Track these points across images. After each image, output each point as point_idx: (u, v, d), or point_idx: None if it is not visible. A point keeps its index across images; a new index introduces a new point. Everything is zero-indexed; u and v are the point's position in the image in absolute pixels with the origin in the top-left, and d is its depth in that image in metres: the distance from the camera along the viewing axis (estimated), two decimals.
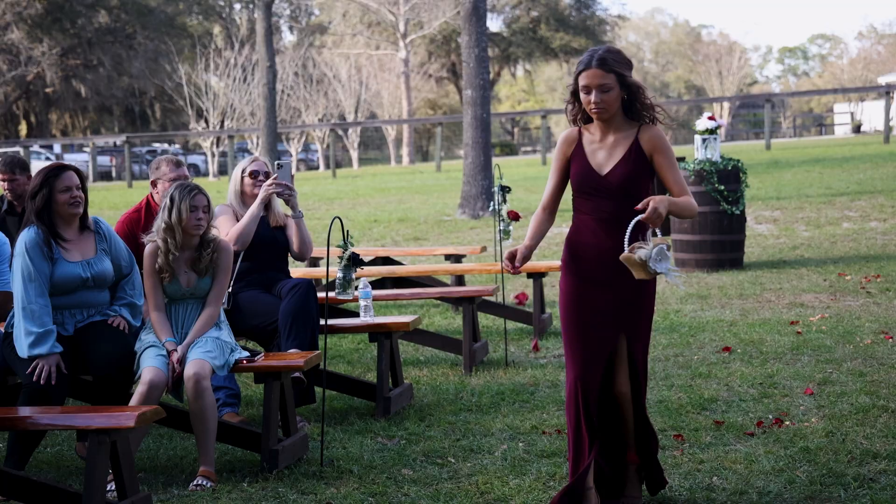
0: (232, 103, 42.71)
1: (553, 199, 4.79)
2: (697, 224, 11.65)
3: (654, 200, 4.34)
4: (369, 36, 51.64)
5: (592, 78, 4.55)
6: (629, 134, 4.65)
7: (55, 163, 5.69)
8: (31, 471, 5.59)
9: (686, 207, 4.59)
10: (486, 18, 17.68)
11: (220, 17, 58.06)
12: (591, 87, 4.55)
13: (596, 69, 4.53)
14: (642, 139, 4.63)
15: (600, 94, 4.54)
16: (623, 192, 4.59)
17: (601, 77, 4.53)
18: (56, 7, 49.39)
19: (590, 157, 4.65)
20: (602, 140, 4.66)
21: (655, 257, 4.31)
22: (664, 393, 6.75)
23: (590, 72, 4.54)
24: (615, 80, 4.55)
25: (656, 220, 4.33)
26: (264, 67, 25.58)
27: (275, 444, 5.47)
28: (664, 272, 4.33)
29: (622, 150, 4.62)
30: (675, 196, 4.62)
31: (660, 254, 4.32)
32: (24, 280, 5.35)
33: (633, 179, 4.60)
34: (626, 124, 4.67)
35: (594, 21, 56.24)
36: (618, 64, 4.55)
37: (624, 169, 4.60)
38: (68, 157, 48.34)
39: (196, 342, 5.51)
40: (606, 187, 4.61)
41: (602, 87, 4.53)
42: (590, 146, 4.67)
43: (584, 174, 4.64)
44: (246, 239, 6.42)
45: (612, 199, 4.61)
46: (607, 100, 4.55)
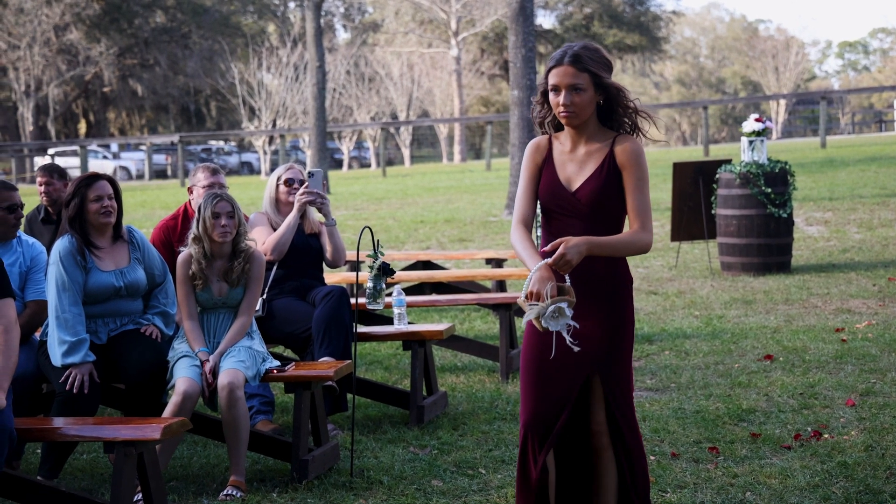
0: (284, 102, 42.96)
1: (530, 214, 4.11)
2: (744, 227, 11.51)
3: (566, 244, 3.78)
4: (421, 34, 51.66)
5: (563, 76, 3.95)
6: (603, 145, 4.03)
7: (89, 172, 5.75)
8: (65, 477, 5.65)
9: (624, 245, 3.95)
10: (534, 18, 17.61)
11: (274, 15, 58.42)
12: (561, 87, 3.96)
13: (568, 66, 3.94)
14: (617, 151, 4.01)
15: (571, 94, 3.94)
16: (594, 211, 3.99)
17: (573, 76, 3.94)
18: (114, 7, 49.96)
19: (559, 170, 4.05)
20: (573, 151, 4.06)
21: (551, 314, 3.75)
22: (702, 402, 6.67)
23: (561, 69, 3.95)
24: (589, 81, 3.95)
25: (563, 266, 3.77)
26: (314, 67, 25.67)
27: (305, 454, 5.47)
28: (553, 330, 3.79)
29: (594, 164, 4.01)
30: (631, 222, 4.01)
31: (556, 311, 3.75)
32: (58, 289, 5.40)
33: (606, 197, 3.98)
34: (600, 133, 4.06)
35: (648, 17, 55.78)
36: (594, 63, 3.94)
37: (595, 185, 3.98)
38: (125, 156, 48.95)
39: (228, 352, 5.52)
40: (575, 206, 4.00)
41: (573, 87, 3.94)
42: (559, 157, 4.07)
43: (551, 189, 4.03)
44: (282, 249, 6.44)
45: (582, 220, 3.99)
46: (578, 102, 3.95)
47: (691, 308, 9.95)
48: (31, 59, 46.60)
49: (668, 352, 8.19)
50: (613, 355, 4.05)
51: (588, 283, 3.98)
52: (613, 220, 4.01)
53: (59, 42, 47.70)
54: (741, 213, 11.51)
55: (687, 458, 5.62)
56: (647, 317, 9.63)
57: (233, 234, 5.62)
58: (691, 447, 5.79)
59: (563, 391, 4.02)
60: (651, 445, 5.84)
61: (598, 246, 3.87)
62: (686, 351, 8.17)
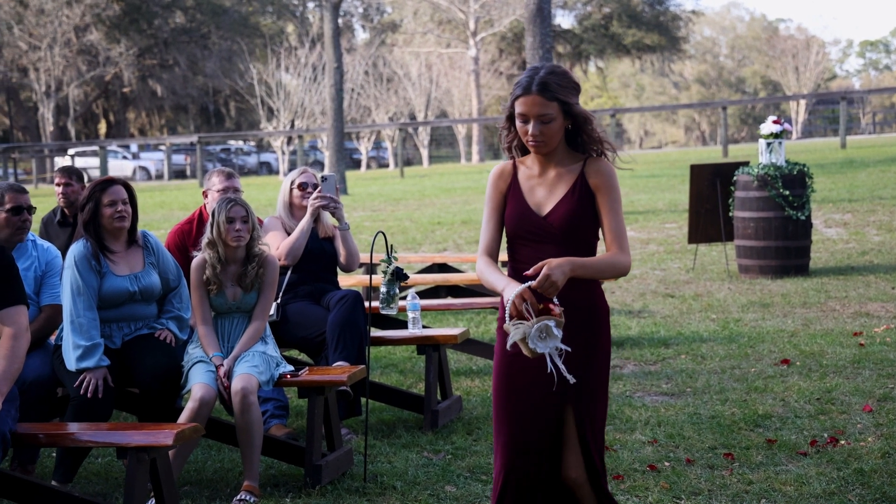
0: (303, 102, 43.04)
1: (496, 244, 3.91)
2: (762, 230, 11.45)
3: (550, 266, 3.57)
4: (439, 34, 51.68)
5: (531, 106, 3.75)
6: (574, 167, 3.86)
7: (105, 176, 5.75)
8: (79, 482, 5.66)
9: (606, 267, 3.77)
10: (552, 19, 17.57)
11: (293, 15, 58.55)
12: (530, 117, 3.77)
13: (536, 95, 3.74)
14: (588, 173, 3.83)
15: (540, 125, 3.76)
16: (567, 235, 3.81)
17: (541, 105, 3.75)
18: (133, 8, 50.19)
19: (527, 196, 3.86)
20: (541, 175, 3.88)
21: (537, 334, 3.52)
22: (717, 408, 6.63)
23: (528, 98, 3.75)
24: (558, 110, 3.76)
25: (548, 289, 3.56)
26: (331, 68, 25.70)
27: (318, 460, 5.47)
28: (542, 352, 3.54)
29: (565, 187, 3.84)
30: (606, 246, 3.85)
31: (543, 331, 3.52)
32: (73, 293, 5.41)
33: (579, 221, 3.82)
34: (569, 157, 3.88)
35: (667, 17, 55.67)
36: (562, 89, 3.76)
37: (567, 208, 3.81)
38: (144, 156, 49.17)
39: (242, 356, 5.52)
40: (547, 230, 3.81)
41: (543, 118, 3.75)
42: (527, 182, 3.89)
43: (520, 216, 3.84)
44: (296, 254, 6.43)
45: (554, 245, 3.80)
46: (547, 132, 3.77)
47: (708, 311, 9.91)
48: (52, 59, 46.84)
49: (684, 356, 8.15)
50: (589, 389, 3.83)
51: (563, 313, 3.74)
52: (586, 244, 3.85)
53: (80, 43, 47.93)
54: (759, 216, 11.45)
55: (702, 464, 5.59)
56: (663, 320, 9.60)
57: (247, 239, 5.62)
58: (706, 453, 5.76)
59: (539, 431, 3.82)
60: (666, 451, 5.81)
61: (582, 267, 3.68)
62: (702, 355, 8.13)
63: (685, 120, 71.53)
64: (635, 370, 7.82)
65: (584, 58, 57.14)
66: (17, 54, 47.80)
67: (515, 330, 3.54)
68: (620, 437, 6.09)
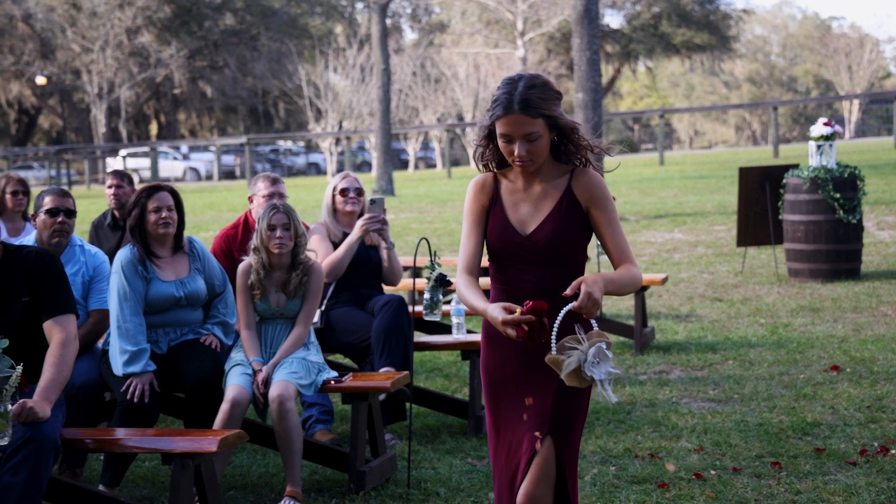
0: (351, 103, 43.19)
1: (476, 260, 3.64)
2: (812, 233, 11.32)
3: (587, 283, 3.30)
4: (487, 34, 51.61)
5: (515, 126, 3.48)
6: (560, 181, 3.60)
7: (152, 182, 5.80)
8: (126, 486, 5.71)
9: (629, 282, 3.53)
10: (599, 20, 17.49)
11: (341, 16, 58.77)
12: (515, 137, 3.50)
13: (519, 114, 3.46)
14: (576, 187, 3.58)
15: (525, 144, 3.49)
16: (552, 256, 3.56)
17: (526, 125, 3.48)
18: (184, 10, 50.63)
19: (510, 212, 3.61)
20: (526, 190, 3.61)
21: (593, 360, 3.31)
22: (765, 415, 6.56)
23: (511, 118, 3.47)
24: (544, 126, 3.50)
25: (591, 308, 3.30)
26: (379, 70, 25.77)
27: (362, 465, 5.47)
28: (599, 379, 3.32)
29: (551, 203, 3.58)
30: (614, 262, 3.61)
31: (598, 355, 3.31)
32: (120, 298, 5.46)
33: (566, 239, 3.56)
34: (554, 169, 3.62)
35: (718, 16, 55.16)
36: (545, 103, 3.48)
37: (553, 226, 3.55)
38: (194, 157, 49.63)
39: (282, 363, 5.54)
40: (531, 250, 3.56)
41: (529, 137, 3.49)
42: (510, 197, 3.63)
43: (502, 234, 3.59)
44: (339, 271, 6.43)
45: (538, 265, 3.56)
46: (535, 150, 3.50)
47: (756, 316, 9.81)
48: (104, 61, 47.39)
49: (732, 361, 8.08)
50: (573, 413, 3.61)
51: None
52: (573, 264, 3.60)
53: (131, 45, 48.44)
54: (809, 219, 11.32)
55: (749, 472, 5.53)
56: (710, 324, 9.51)
57: (289, 247, 5.64)
58: (753, 462, 5.70)
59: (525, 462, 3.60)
60: (712, 459, 5.76)
61: (611, 283, 3.43)
62: (750, 360, 8.05)
63: (736, 119, 70.94)
64: (682, 376, 7.75)
65: (633, 58, 56.80)
66: (70, 57, 48.40)
67: (569, 358, 3.31)
68: (666, 445, 6.04)
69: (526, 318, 3.27)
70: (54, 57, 48.84)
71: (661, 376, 7.75)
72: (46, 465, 4.38)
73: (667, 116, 58.69)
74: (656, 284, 8.90)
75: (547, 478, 3.56)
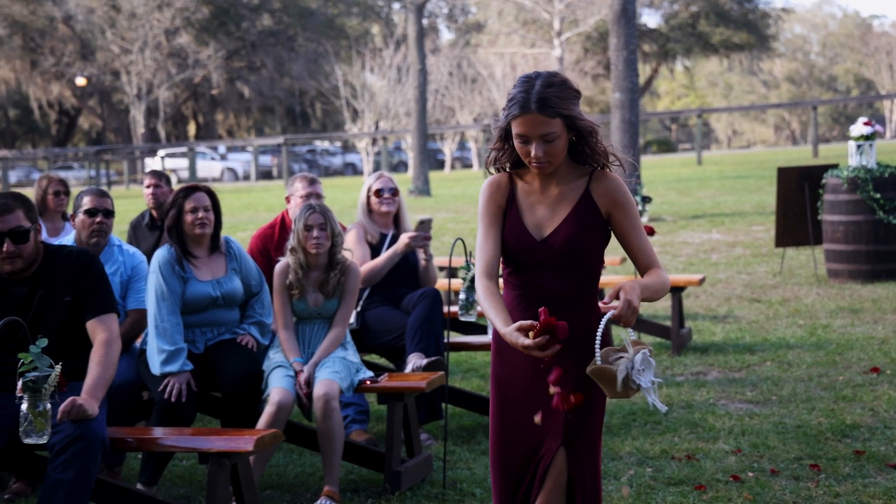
0: (387, 103, 43.28)
1: (496, 263, 3.48)
2: (851, 233, 11.21)
3: (626, 290, 3.19)
4: (524, 34, 51.56)
5: (532, 126, 3.34)
6: (578, 184, 3.46)
7: (190, 183, 5.84)
8: (164, 484, 5.75)
9: (661, 287, 3.39)
10: (636, 19, 17.43)
11: (378, 16, 58.91)
12: (532, 138, 3.37)
13: (537, 114, 3.33)
14: (595, 191, 3.45)
15: (544, 144, 3.36)
16: (568, 261, 3.42)
17: (544, 125, 3.34)
18: (222, 11, 50.93)
19: (525, 215, 3.47)
20: (542, 192, 3.48)
21: (640, 368, 3.20)
22: (804, 417, 6.50)
23: (528, 118, 3.34)
24: (562, 126, 3.36)
25: (631, 317, 3.18)
26: (415, 70, 25.81)
27: (398, 466, 5.48)
28: (646, 387, 3.21)
29: (568, 206, 3.44)
30: (641, 267, 3.47)
31: (644, 363, 3.21)
32: (157, 298, 5.50)
33: (583, 245, 3.43)
34: (572, 171, 3.48)
35: (757, 15, 54.82)
36: (564, 102, 3.35)
37: (570, 231, 3.42)
38: (232, 157, 49.92)
39: (324, 362, 5.56)
40: (546, 255, 3.43)
41: (546, 137, 3.35)
42: (526, 199, 3.49)
43: (517, 238, 3.45)
44: (375, 280, 6.44)
45: (553, 271, 3.43)
46: (552, 151, 3.37)
47: (795, 317, 9.73)
48: (143, 62, 47.77)
49: (770, 362, 8.02)
50: (586, 424, 3.48)
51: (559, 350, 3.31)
52: (590, 270, 3.47)
53: (170, 46, 48.81)
54: (849, 219, 11.22)
55: (787, 475, 5.48)
56: (748, 325, 9.45)
57: (326, 247, 5.65)
58: (791, 464, 5.65)
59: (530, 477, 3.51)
60: (750, 461, 5.72)
61: (646, 289, 3.30)
62: (789, 362, 7.99)
63: (775, 119, 70.47)
64: (719, 377, 7.71)
65: (671, 57, 56.55)
66: (109, 58, 48.83)
67: (620, 367, 3.19)
68: (703, 446, 6.01)
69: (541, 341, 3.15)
70: (94, 58, 49.30)
71: (698, 377, 7.71)
72: (95, 461, 4.43)
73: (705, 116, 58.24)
74: (693, 285, 8.84)
75: (560, 489, 3.47)
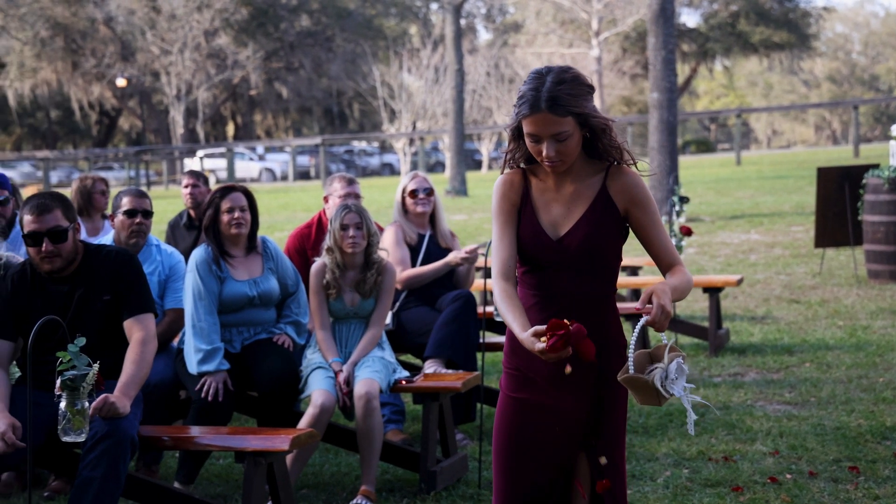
0: (424, 104, 43.30)
1: (512, 262, 3.35)
2: (892, 234, 11.09)
3: (658, 294, 3.07)
4: (562, 34, 51.41)
5: (543, 125, 3.22)
6: (594, 181, 3.34)
7: (227, 183, 5.87)
8: (201, 483, 5.78)
9: (687, 286, 3.27)
10: (675, 19, 17.35)
11: (416, 17, 58.97)
12: (543, 137, 3.24)
13: (547, 113, 3.20)
14: (612, 187, 3.33)
15: (555, 144, 3.24)
16: (585, 261, 3.29)
17: (554, 124, 3.21)
18: (261, 12, 51.15)
19: (541, 213, 3.34)
20: (557, 190, 3.35)
21: (674, 377, 3.09)
22: (843, 419, 6.44)
23: (538, 117, 3.21)
24: (574, 124, 3.23)
25: (664, 321, 3.06)
26: (453, 70, 25.81)
27: (433, 466, 5.48)
28: (680, 395, 3.10)
29: (584, 204, 3.32)
30: (663, 265, 3.34)
31: (678, 371, 3.09)
32: (195, 298, 5.53)
33: (600, 244, 3.30)
34: (588, 167, 3.36)
35: (797, 14, 54.32)
36: (575, 99, 3.21)
37: (587, 230, 3.29)
38: (270, 157, 50.14)
39: (363, 361, 5.57)
40: (563, 255, 3.30)
41: (558, 136, 3.23)
42: (541, 197, 3.37)
43: (531, 237, 3.32)
44: (417, 286, 6.44)
45: (569, 272, 3.30)
46: (565, 150, 3.25)
47: (835, 318, 9.64)
48: (183, 63, 48.07)
49: (809, 364, 7.95)
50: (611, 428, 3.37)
51: None
52: (608, 270, 3.34)
53: (209, 47, 49.08)
54: (890, 220, 11.10)
55: (825, 477, 5.44)
56: (787, 326, 9.37)
57: (362, 246, 5.66)
58: (830, 466, 5.60)
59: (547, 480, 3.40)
60: (788, 463, 5.67)
61: (675, 290, 3.19)
62: (828, 363, 7.92)
63: (815, 119, 69.85)
64: (757, 378, 7.65)
65: (710, 56, 56.18)
66: (149, 59, 49.19)
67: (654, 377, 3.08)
68: (741, 448, 5.97)
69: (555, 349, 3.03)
70: (134, 59, 49.68)
71: (735, 378, 7.65)
72: (124, 460, 4.47)
73: (744, 116, 57.76)
74: (731, 286, 8.79)
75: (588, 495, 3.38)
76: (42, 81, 49.94)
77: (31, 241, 4.72)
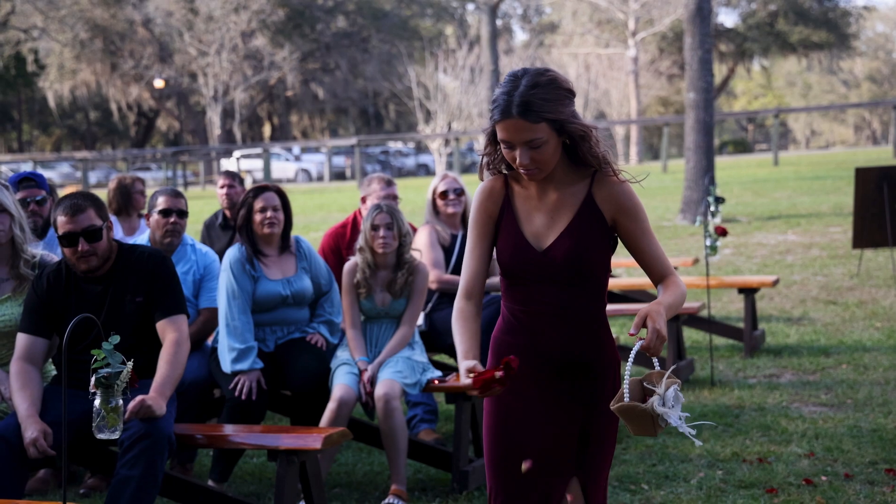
0: (460, 104, 43.30)
1: (478, 282, 3.21)
2: None
3: (653, 318, 2.93)
4: (598, 34, 51.29)
5: (515, 132, 3.04)
6: (578, 188, 3.15)
7: (261, 183, 5.90)
8: (234, 481, 5.82)
9: (681, 301, 3.11)
10: (712, 19, 17.26)
11: (452, 17, 59.01)
12: (516, 144, 3.06)
13: (519, 119, 3.02)
14: (598, 195, 3.14)
15: (528, 152, 3.06)
16: (572, 273, 3.11)
17: (527, 130, 3.03)
18: (297, 13, 51.37)
19: (523, 223, 3.16)
20: (540, 198, 3.17)
21: (670, 405, 2.95)
22: (879, 421, 6.38)
23: (509, 123, 3.03)
24: (549, 129, 3.04)
25: (659, 346, 2.92)
26: (488, 71, 25.82)
27: (465, 465, 5.48)
28: (676, 425, 2.95)
29: (569, 213, 3.13)
30: (655, 276, 3.17)
31: (675, 399, 2.95)
32: (228, 297, 5.56)
33: (587, 255, 3.10)
34: (572, 173, 3.17)
35: (837, 13, 53.88)
36: (550, 104, 3.02)
37: (572, 240, 3.11)
38: (306, 158, 50.33)
39: (388, 362, 5.58)
40: (548, 268, 3.12)
41: (531, 144, 3.05)
42: (523, 206, 3.18)
43: (515, 249, 3.14)
44: (453, 291, 6.44)
45: (555, 285, 3.12)
46: (540, 158, 3.07)
47: (872, 319, 9.55)
48: (220, 64, 48.37)
49: (846, 365, 7.88)
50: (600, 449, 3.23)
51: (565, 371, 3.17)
52: (595, 282, 3.15)
53: (246, 48, 49.34)
54: None
55: (861, 479, 5.39)
56: (824, 328, 9.29)
57: (393, 246, 5.67)
58: (866, 468, 5.55)
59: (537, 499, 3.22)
60: (823, 465, 5.63)
61: (669, 308, 3.03)
62: (865, 365, 7.84)
63: (855, 119, 69.24)
64: (793, 379, 7.59)
65: (748, 56, 55.83)
66: (187, 60, 49.53)
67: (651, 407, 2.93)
68: (775, 449, 5.93)
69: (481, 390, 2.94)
70: (172, 60, 50.03)
71: (771, 380, 7.60)
72: (162, 459, 4.50)
73: (782, 116, 57.40)
74: (767, 286, 8.73)
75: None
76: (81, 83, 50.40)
77: (67, 242, 4.76)
